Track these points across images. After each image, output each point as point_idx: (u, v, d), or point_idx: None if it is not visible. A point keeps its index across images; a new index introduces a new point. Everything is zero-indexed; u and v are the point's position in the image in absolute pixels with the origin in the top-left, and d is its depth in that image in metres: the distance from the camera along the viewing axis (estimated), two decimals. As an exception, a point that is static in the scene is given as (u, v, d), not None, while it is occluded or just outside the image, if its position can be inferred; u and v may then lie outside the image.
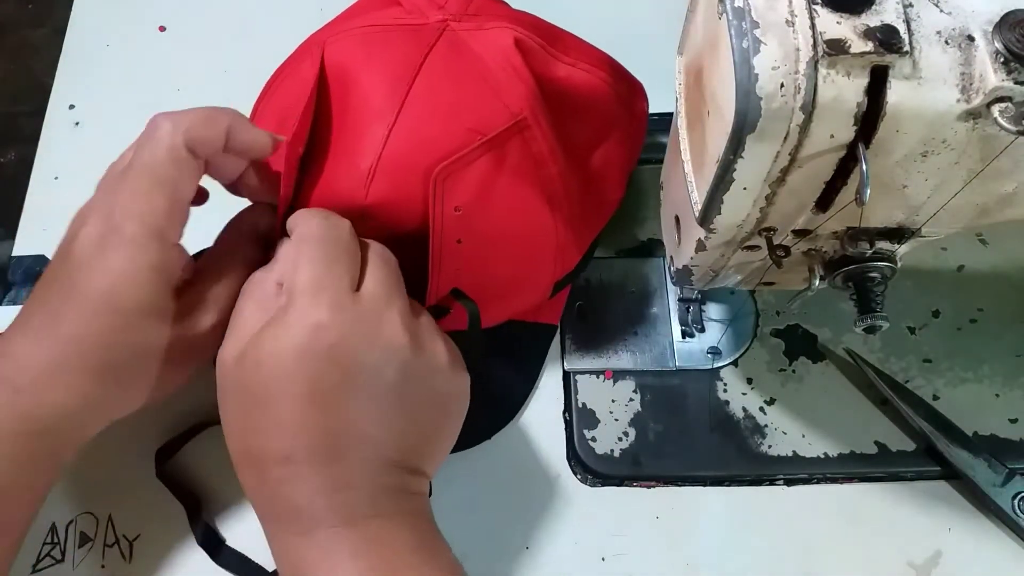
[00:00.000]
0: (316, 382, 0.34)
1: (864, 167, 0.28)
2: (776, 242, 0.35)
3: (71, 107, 0.58)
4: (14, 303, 0.52)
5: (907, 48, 0.27)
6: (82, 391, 0.36)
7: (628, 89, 0.48)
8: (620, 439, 0.47)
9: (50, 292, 0.36)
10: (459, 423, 0.40)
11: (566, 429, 0.48)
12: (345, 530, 0.34)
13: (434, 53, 0.41)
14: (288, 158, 0.40)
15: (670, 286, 0.51)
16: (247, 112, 0.46)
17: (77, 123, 0.58)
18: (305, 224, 0.37)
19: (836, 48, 0.27)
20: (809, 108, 0.27)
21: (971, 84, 0.27)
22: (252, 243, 0.40)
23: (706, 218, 0.34)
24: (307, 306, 0.34)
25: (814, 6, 0.27)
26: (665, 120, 0.52)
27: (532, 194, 0.42)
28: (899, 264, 0.36)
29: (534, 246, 0.44)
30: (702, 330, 0.50)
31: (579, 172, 0.44)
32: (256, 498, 0.36)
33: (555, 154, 0.42)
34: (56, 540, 0.45)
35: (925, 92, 0.28)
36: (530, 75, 0.41)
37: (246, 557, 0.44)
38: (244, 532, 0.45)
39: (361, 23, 0.43)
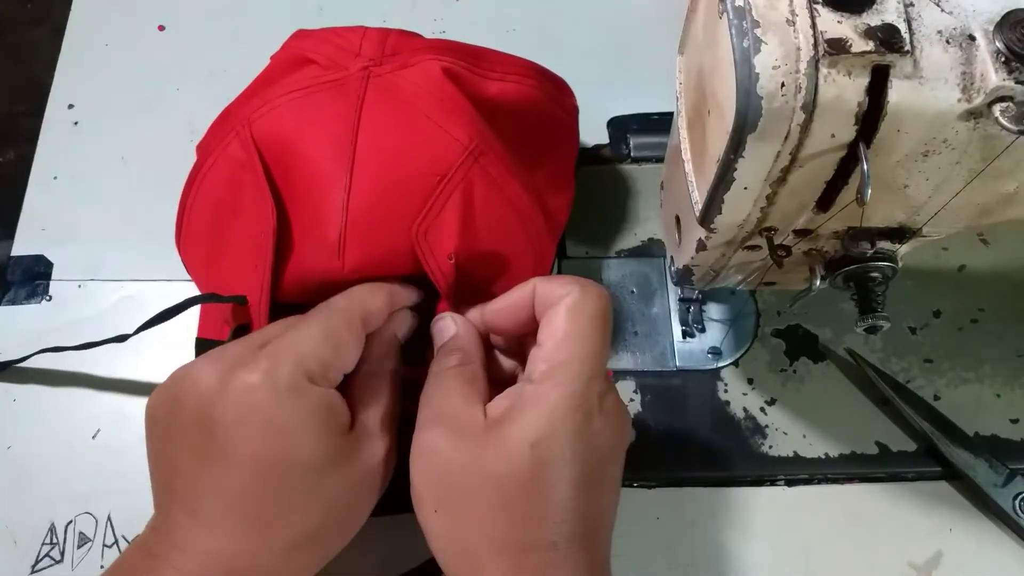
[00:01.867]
0: (586, 466, 0.33)
1: (865, 167, 0.28)
2: (777, 242, 0.35)
3: (70, 107, 0.58)
4: (13, 303, 0.52)
5: (908, 47, 0.27)
6: (274, 567, 0.33)
7: (556, 89, 0.48)
8: (620, 439, 0.47)
9: (206, 464, 0.33)
10: None
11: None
12: None
13: (367, 103, 0.40)
14: (263, 244, 0.39)
15: (670, 286, 0.51)
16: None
17: (76, 123, 0.58)
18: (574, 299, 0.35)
19: (837, 47, 0.27)
20: (810, 107, 0.27)
21: (972, 83, 0.27)
22: (397, 356, 0.39)
23: (707, 218, 0.34)
24: (573, 386, 0.33)
25: (815, 5, 0.27)
26: (665, 120, 0.52)
27: (504, 218, 0.41)
28: (900, 264, 0.36)
29: (516, 264, 0.43)
30: (703, 330, 0.50)
31: (536, 182, 0.44)
32: None
33: (513, 172, 0.41)
34: (55, 540, 0.45)
35: (926, 91, 0.27)
36: (467, 100, 0.40)
37: None
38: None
39: (281, 91, 0.41)
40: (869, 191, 0.29)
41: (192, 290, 0.51)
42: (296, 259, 0.39)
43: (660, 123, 0.55)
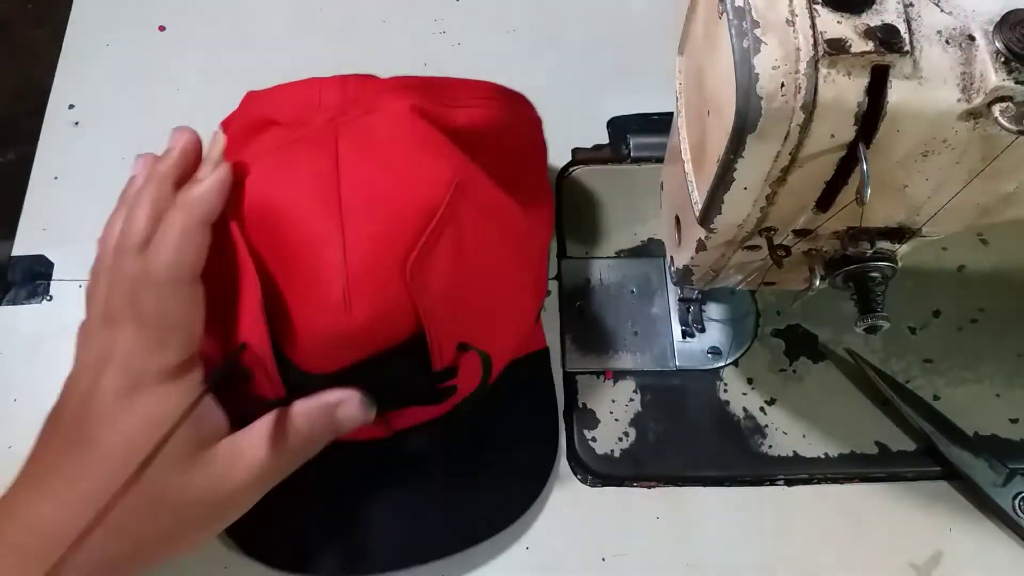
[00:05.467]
0: None
1: (865, 167, 0.28)
2: (777, 242, 0.35)
3: (71, 107, 0.58)
4: (13, 303, 0.52)
5: (908, 48, 0.27)
6: (106, 552, 0.34)
7: (517, 104, 0.47)
8: (620, 439, 0.47)
9: (66, 446, 0.35)
10: None
11: (566, 429, 0.47)
12: None
13: (342, 154, 0.38)
14: (255, 321, 0.38)
15: (670, 286, 0.51)
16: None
17: (77, 123, 0.58)
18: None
19: (837, 48, 0.27)
20: (810, 108, 0.27)
21: (972, 84, 0.27)
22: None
23: (706, 218, 0.34)
24: None
25: (815, 5, 0.27)
26: (665, 120, 0.52)
27: (498, 245, 0.41)
28: (900, 264, 0.36)
29: (515, 291, 0.43)
30: (702, 330, 0.50)
31: (520, 201, 0.44)
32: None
33: (500, 198, 0.41)
34: (56, 540, 0.45)
35: (926, 92, 0.28)
36: (442, 135, 0.40)
37: None
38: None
39: (249, 157, 0.39)
40: (868, 191, 0.29)
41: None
42: (301, 322, 0.38)
43: (660, 123, 0.55)
